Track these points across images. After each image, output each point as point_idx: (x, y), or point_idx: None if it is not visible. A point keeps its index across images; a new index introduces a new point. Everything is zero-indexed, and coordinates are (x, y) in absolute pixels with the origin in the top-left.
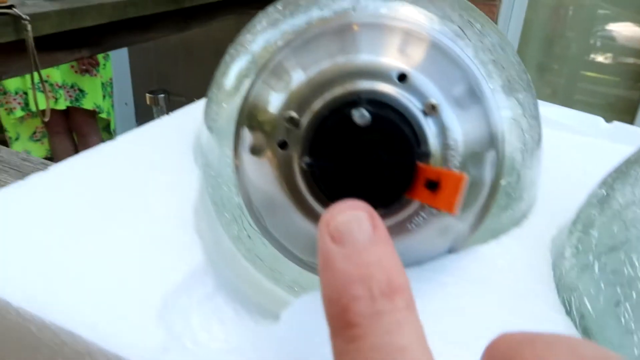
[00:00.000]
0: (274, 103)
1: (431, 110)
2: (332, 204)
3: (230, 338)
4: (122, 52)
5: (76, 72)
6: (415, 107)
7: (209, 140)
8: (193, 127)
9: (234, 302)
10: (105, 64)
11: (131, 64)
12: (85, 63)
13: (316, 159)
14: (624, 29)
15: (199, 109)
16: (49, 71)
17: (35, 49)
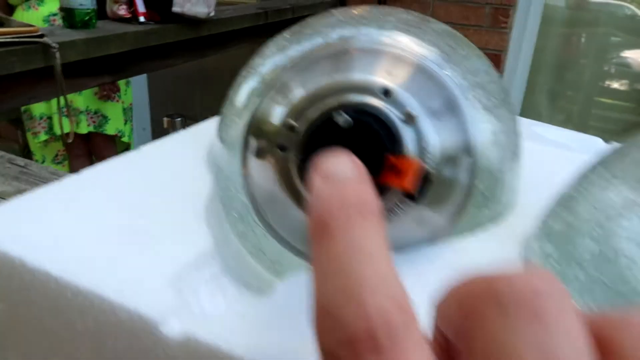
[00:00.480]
0: (277, 115)
1: (410, 119)
2: None
3: (232, 307)
4: (141, 78)
5: (99, 98)
6: (396, 117)
7: (221, 150)
8: (206, 140)
9: (237, 284)
10: (126, 90)
11: (150, 90)
12: (107, 89)
13: (307, 155)
14: (638, 56)
15: (211, 125)
16: (72, 97)
17: (62, 75)
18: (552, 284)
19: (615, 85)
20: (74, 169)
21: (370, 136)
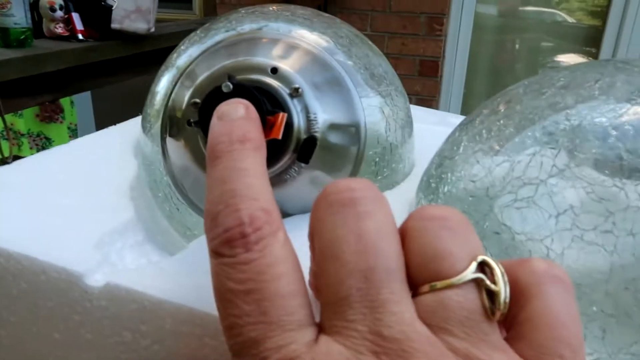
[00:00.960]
0: (186, 96)
1: (296, 92)
2: None
3: (152, 263)
4: (85, 98)
5: (41, 120)
6: (284, 91)
7: (144, 138)
8: (134, 132)
9: (161, 250)
10: (71, 110)
11: (95, 109)
12: (49, 111)
13: (201, 120)
14: (570, 59)
15: (139, 121)
16: (12, 120)
17: None
18: (367, 184)
19: None
20: None
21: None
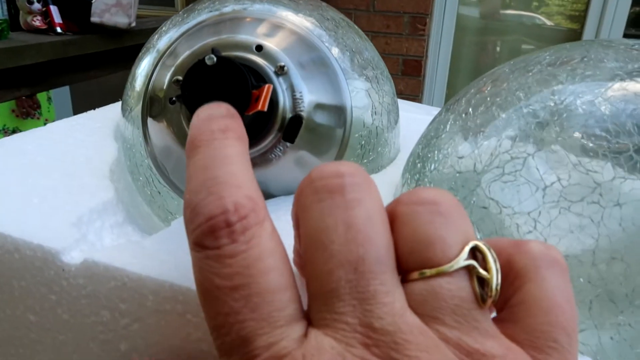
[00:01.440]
0: (168, 75)
1: (281, 70)
2: None
3: (130, 241)
4: (64, 94)
5: (17, 116)
6: (269, 69)
7: (124, 122)
8: (113, 117)
9: (142, 233)
10: (49, 106)
11: (74, 105)
12: (25, 106)
13: (184, 95)
14: None
15: (119, 106)
16: None
17: None
18: (355, 168)
19: None
20: None
21: (240, 79)
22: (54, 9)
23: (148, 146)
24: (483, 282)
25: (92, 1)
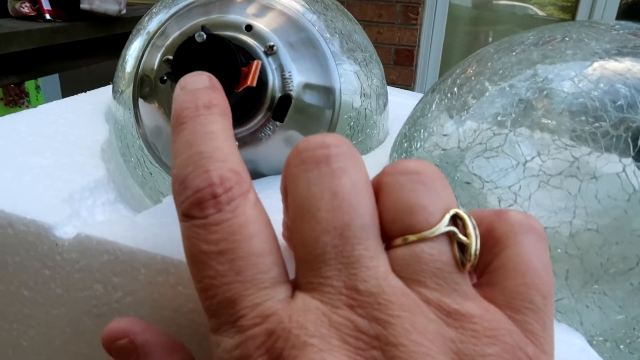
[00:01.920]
0: (158, 55)
1: (270, 50)
2: None
3: (122, 217)
4: (54, 82)
5: (5, 104)
6: (259, 48)
7: (115, 104)
8: (104, 100)
9: (133, 210)
10: (37, 95)
11: (64, 95)
12: (12, 94)
13: (175, 72)
14: None
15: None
16: None
17: None
18: (340, 139)
19: None
20: None
21: (229, 56)
22: None
23: (139, 127)
24: (463, 248)
25: None
